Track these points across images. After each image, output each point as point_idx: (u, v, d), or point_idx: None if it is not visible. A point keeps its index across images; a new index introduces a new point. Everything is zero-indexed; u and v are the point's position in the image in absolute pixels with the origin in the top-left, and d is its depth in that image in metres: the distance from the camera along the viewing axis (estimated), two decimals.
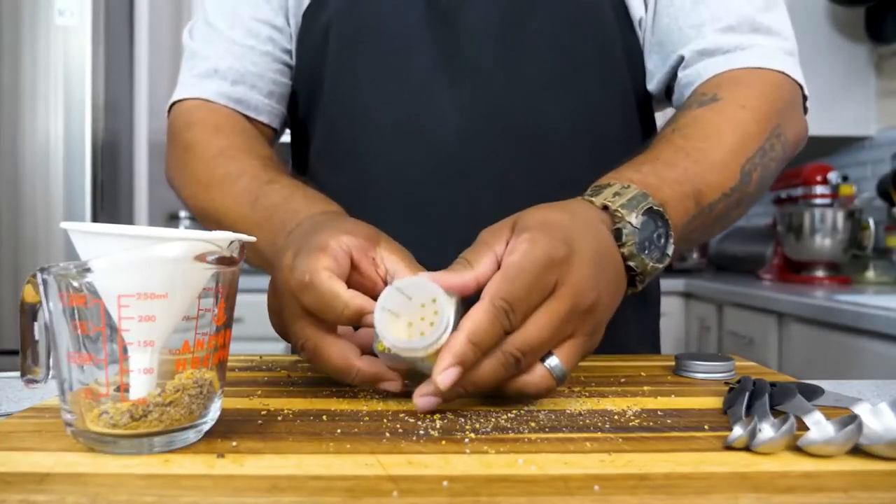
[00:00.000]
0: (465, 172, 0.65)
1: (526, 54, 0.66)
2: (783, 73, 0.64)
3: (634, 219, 0.48)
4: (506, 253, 0.43)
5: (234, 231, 0.55)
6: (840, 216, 1.97)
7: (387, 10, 0.68)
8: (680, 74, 0.67)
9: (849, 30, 2.18)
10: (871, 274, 1.98)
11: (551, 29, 0.66)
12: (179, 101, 0.71)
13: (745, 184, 0.58)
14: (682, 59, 0.67)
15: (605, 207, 0.49)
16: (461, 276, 0.42)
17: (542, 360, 0.43)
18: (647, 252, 0.49)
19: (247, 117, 0.71)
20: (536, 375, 0.42)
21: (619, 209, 0.49)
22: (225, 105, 0.70)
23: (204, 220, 0.66)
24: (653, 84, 0.71)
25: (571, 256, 0.42)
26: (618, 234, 0.48)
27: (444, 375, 0.39)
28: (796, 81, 0.65)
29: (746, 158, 0.58)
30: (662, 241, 0.50)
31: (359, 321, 0.43)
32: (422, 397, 0.41)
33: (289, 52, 0.73)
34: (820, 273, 2.02)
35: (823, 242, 1.98)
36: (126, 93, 2.17)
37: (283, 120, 0.75)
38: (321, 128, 0.72)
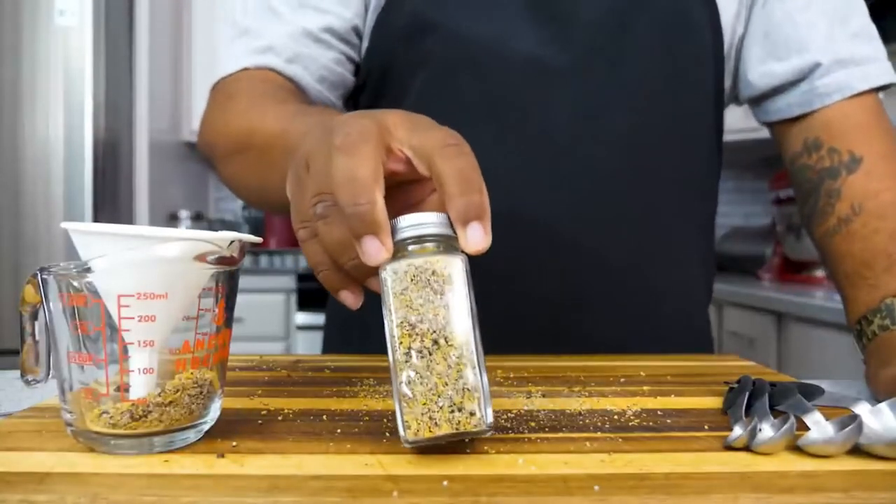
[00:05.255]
0: (571, 172, 0.65)
1: (631, 55, 0.67)
2: None
3: None
4: None
5: (265, 141, 0.57)
6: None
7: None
8: (818, 83, 0.67)
9: None
10: None
11: (655, 33, 0.67)
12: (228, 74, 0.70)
13: None
14: (817, 65, 0.67)
15: None
16: None
17: None
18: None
19: None
20: None
21: None
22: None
23: (236, 142, 0.63)
24: (754, 75, 0.70)
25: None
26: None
27: None
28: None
29: None
30: None
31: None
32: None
33: (348, 42, 0.72)
34: (820, 273, 2.02)
35: None
36: (126, 93, 2.17)
37: (328, 105, 0.74)
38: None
